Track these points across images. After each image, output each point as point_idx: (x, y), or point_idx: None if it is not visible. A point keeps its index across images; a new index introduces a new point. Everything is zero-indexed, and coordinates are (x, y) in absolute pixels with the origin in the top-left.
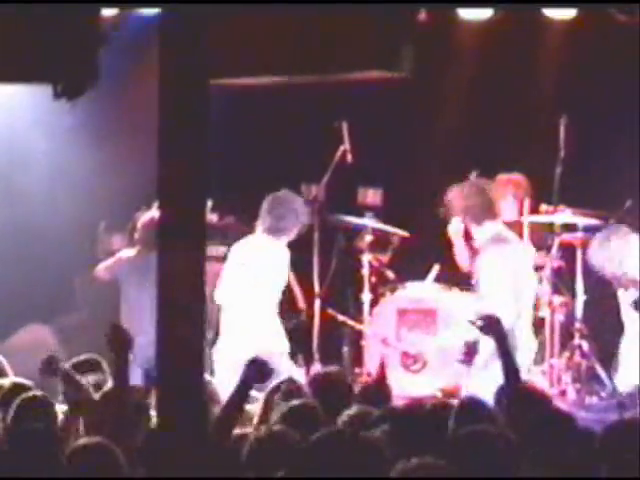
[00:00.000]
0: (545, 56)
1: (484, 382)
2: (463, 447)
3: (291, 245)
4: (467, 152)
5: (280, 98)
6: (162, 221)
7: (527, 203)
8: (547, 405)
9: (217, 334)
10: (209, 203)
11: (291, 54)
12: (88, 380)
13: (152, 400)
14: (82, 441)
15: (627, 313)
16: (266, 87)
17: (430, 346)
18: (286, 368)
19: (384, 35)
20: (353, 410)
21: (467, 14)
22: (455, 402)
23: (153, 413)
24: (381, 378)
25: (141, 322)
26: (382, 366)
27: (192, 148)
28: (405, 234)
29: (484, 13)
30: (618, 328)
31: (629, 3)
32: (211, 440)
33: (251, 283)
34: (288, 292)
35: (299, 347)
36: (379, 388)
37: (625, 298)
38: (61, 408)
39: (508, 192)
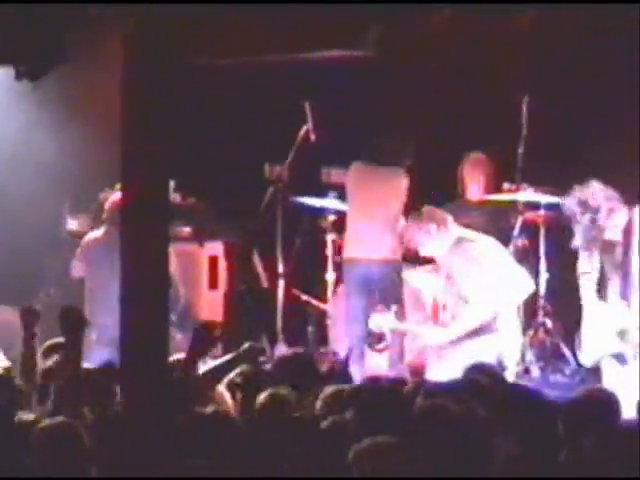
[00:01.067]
0: (509, 37)
1: (450, 362)
2: (425, 424)
3: (255, 226)
4: (432, 131)
5: (244, 78)
6: (125, 202)
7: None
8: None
9: (184, 315)
10: (172, 183)
11: (257, 35)
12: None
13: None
14: (46, 422)
15: (585, 292)
16: (229, 67)
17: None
18: None
19: (349, 15)
20: (327, 392)
21: None
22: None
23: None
24: (345, 363)
25: (107, 302)
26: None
27: (155, 129)
28: None
29: None
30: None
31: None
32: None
33: None
34: (251, 272)
35: (263, 327)
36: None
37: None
38: None
39: (477, 172)
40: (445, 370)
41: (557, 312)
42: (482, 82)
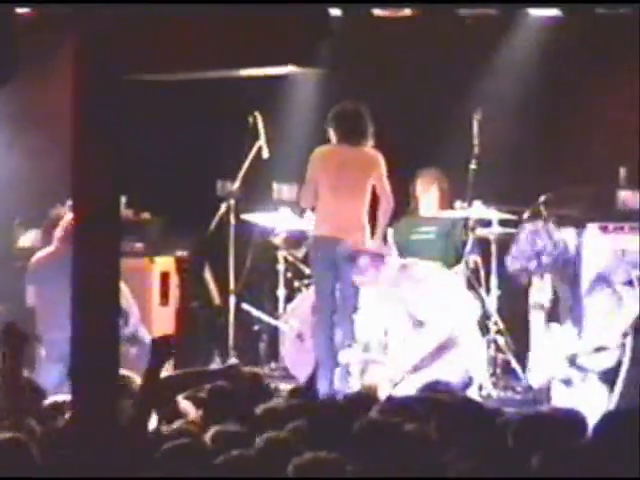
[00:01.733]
0: (460, 52)
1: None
2: (369, 440)
3: (206, 241)
4: (382, 148)
5: (196, 94)
6: (76, 217)
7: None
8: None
9: (135, 329)
10: (123, 199)
11: (206, 49)
12: None
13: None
14: None
15: (534, 318)
16: (181, 83)
17: None
18: None
19: (300, 30)
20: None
21: (383, 12)
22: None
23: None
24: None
25: (57, 318)
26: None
27: (106, 144)
28: None
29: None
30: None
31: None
32: (126, 434)
33: None
34: (203, 288)
35: (215, 343)
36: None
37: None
38: None
39: (430, 188)
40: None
41: (508, 329)
42: (436, 97)
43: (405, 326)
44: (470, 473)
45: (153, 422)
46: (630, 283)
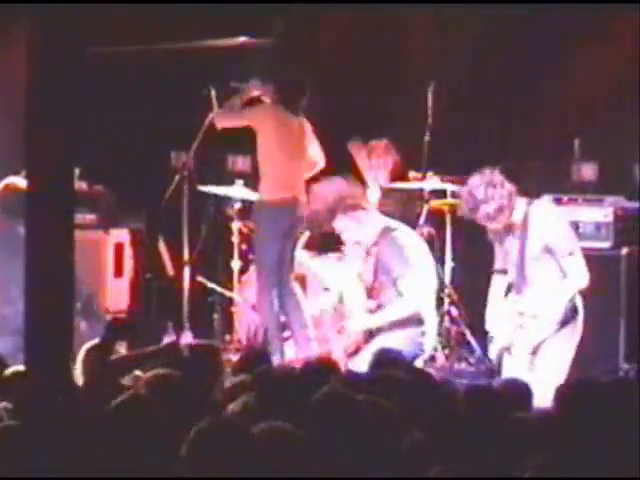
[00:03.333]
0: (415, 23)
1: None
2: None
3: (160, 213)
4: (337, 120)
5: (149, 66)
6: (30, 190)
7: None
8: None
9: (88, 303)
10: (77, 171)
11: (160, 22)
12: None
13: None
14: None
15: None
16: (135, 55)
17: None
18: None
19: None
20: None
21: None
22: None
23: None
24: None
25: (7, 293)
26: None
27: (60, 116)
28: None
29: None
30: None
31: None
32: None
33: None
34: (157, 259)
35: (169, 315)
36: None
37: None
38: None
39: (382, 159)
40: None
41: (462, 300)
42: (389, 67)
43: (381, 285)
44: (422, 444)
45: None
46: (573, 254)
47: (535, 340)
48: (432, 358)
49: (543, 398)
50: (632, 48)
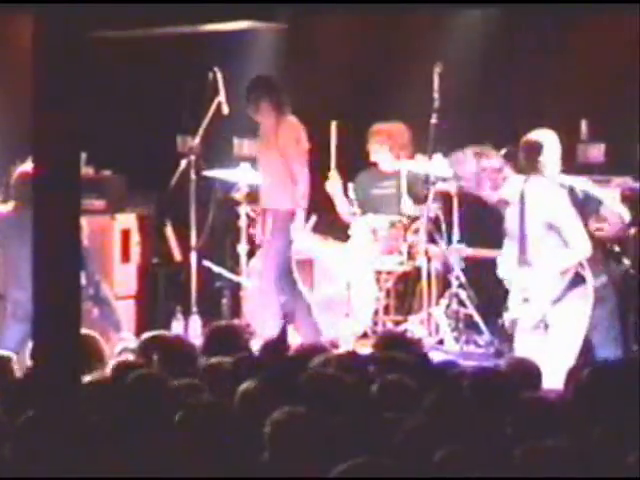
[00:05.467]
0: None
1: None
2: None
3: (167, 198)
4: (343, 102)
5: (156, 50)
6: (37, 175)
7: (404, 153)
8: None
9: (97, 288)
10: (83, 156)
11: (168, 5)
12: None
13: None
14: None
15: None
16: (141, 39)
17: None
18: None
19: None
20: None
21: None
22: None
23: None
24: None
25: (20, 278)
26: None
27: (66, 100)
28: None
29: None
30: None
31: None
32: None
33: None
34: (164, 244)
35: (176, 300)
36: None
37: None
38: None
39: (383, 142)
40: None
41: (470, 282)
42: (395, 49)
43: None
44: (421, 428)
45: None
46: (574, 226)
47: (540, 313)
48: (441, 341)
49: (555, 374)
50: None
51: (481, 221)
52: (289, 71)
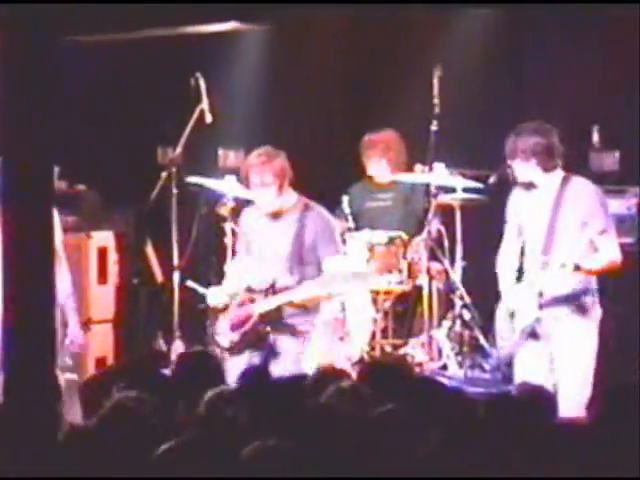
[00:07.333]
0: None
1: None
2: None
3: (147, 213)
4: (337, 109)
5: (133, 55)
6: (7, 188)
7: (402, 164)
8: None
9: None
10: (56, 170)
11: (142, 6)
12: None
13: None
14: None
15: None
16: (117, 43)
17: None
18: None
19: None
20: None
21: None
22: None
23: None
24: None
25: None
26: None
27: (37, 112)
28: None
29: None
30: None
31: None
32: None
33: None
34: (144, 264)
35: (158, 324)
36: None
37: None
38: None
39: (382, 155)
40: None
41: (475, 303)
42: (391, 55)
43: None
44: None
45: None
46: (607, 232)
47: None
48: (444, 366)
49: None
50: None
51: (487, 236)
52: (276, 77)
